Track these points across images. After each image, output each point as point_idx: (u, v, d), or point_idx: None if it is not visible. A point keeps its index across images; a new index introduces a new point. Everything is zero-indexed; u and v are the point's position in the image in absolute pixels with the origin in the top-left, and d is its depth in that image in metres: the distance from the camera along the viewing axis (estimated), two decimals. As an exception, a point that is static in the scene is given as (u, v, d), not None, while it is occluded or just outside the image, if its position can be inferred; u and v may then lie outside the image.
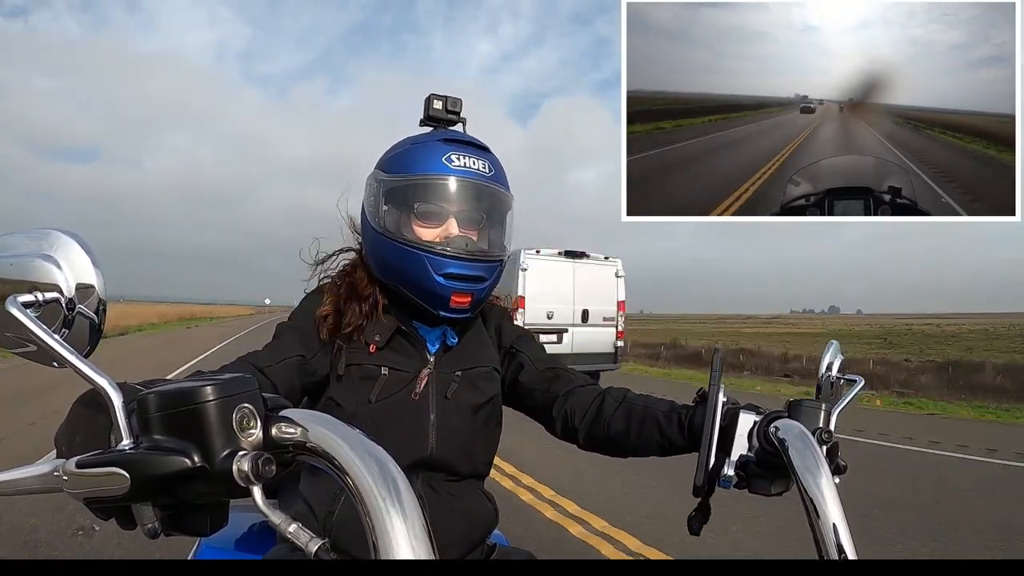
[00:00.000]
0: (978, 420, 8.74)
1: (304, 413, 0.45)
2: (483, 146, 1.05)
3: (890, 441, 6.68)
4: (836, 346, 0.98)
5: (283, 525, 0.42)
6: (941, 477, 5.15)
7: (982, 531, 3.74)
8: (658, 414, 0.97)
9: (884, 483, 4.76)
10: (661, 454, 0.98)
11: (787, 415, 0.79)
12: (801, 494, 0.61)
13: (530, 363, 1.14)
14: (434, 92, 1.10)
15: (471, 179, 1.00)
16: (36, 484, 0.44)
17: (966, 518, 3.99)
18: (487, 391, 1.07)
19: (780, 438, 0.69)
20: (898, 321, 70.76)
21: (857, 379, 0.95)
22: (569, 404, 1.08)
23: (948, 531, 3.74)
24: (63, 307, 0.53)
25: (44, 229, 0.56)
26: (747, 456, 0.80)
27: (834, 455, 0.78)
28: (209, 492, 0.42)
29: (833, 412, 0.81)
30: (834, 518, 0.57)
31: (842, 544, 0.56)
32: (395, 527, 0.39)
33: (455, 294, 0.98)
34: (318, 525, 0.95)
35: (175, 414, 0.42)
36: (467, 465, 1.04)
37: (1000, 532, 3.73)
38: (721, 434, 0.81)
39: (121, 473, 0.40)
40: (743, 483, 0.80)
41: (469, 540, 1.03)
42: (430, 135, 1.06)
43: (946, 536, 3.66)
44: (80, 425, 0.46)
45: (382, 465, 0.42)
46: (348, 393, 1.00)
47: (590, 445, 1.07)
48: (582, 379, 1.13)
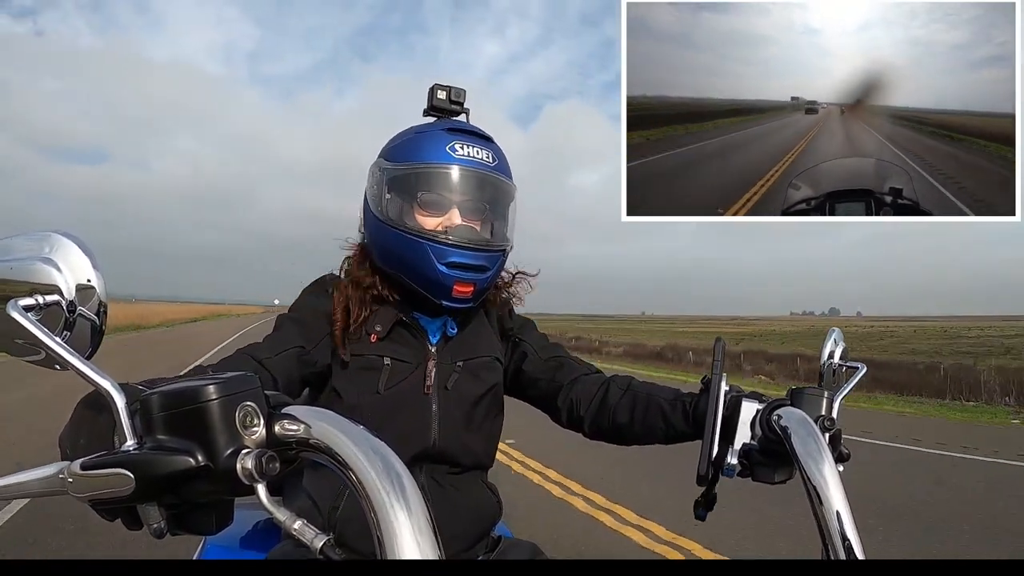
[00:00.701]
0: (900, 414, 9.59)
1: (307, 410, 0.45)
2: (487, 136, 1.04)
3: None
4: (838, 333, 0.98)
5: (288, 522, 0.42)
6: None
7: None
8: (662, 402, 0.97)
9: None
10: (665, 442, 0.99)
11: (789, 403, 0.79)
12: (804, 482, 0.61)
13: (533, 352, 1.14)
14: (438, 83, 1.09)
15: (474, 168, 0.99)
16: (41, 487, 0.44)
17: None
18: (488, 381, 1.07)
19: (783, 426, 0.69)
20: (888, 324, 71.06)
21: (859, 366, 0.94)
22: (574, 393, 1.08)
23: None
24: (64, 309, 0.53)
25: (43, 232, 0.55)
26: (750, 444, 0.81)
27: (837, 442, 0.78)
28: (214, 491, 0.42)
29: (835, 399, 0.81)
30: (837, 505, 0.58)
31: (845, 531, 0.56)
32: (400, 523, 0.39)
33: (457, 283, 0.97)
34: (323, 520, 0.96)
35: (178, 414, 0.42)
36: (470, 456, 1.04)
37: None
38: (724, 422, 0.82)
39: (126, 474, 0.40)
40: (746, 471, 0.81)
41: (474, 533, 1.03)
42: (434, 124, 1.05)
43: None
44: (83, 427, 0.46)
45: (386, 461, 0.42)
46: (350, 384, 1.00)
47: (595, 434, 1.07)
48: (586, 368, 1.13)
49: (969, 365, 15.04)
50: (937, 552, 3.36)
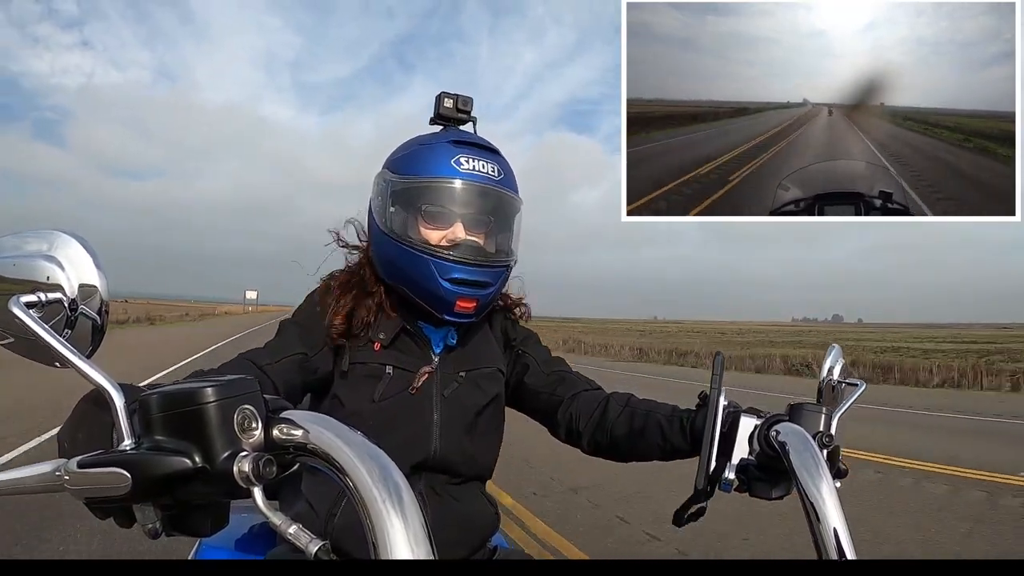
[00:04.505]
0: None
1: (305, 414, 0.45)
2: (492, 148, 1.03)
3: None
4: (838, 350, 0.98)
5: (283, 526, 0.42)
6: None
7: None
8: (660, 418, 0.97)
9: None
10: (663, 458, 0.98)
11: (788, 419, 0.79)
12: (801, 498, 0.60)
13: (536, 365, 1.13)
14: (444, 91, 1.08)
15: (479, 183, 0.98)
16: (38, 484, 0.44)
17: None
18: (490, 391, 1.07)
19: (781, 442, 0.69)
20: (879, 331, 71.23)
21: (858, 383, 0.94)
22: (574, 408, 1.07)
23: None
24: (65, 307, 0.53)
25: (47, 230, 0.56)
26: (748, 460, 0.80)
27: (835, 459, 0.77)
28: (210, 493, 0.42)
29: (834, 416, 0.81)
30: (834, 522, 0.57)
31: (843, 548, 0.56)
32: (395, 529, 0.39)
33: (460, 299, 0.97)
34: (320, 526, 0.95)
35: (176, 415, 0.42)
36: (470, 466, 1.04)
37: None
38: (722, 438, 0.81)
39: (122, 473, 0.40)
40: (744, 486, 0.80)
41: (470, 543, 1.02)
42: (439, 135, 1.04)
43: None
44: (82, 425, 0.46)
45: (383, 467, 0.42)
46: (352, 391, 0.99)
47: (594, 449, 1.07)
48: (587, 383, 1.12)
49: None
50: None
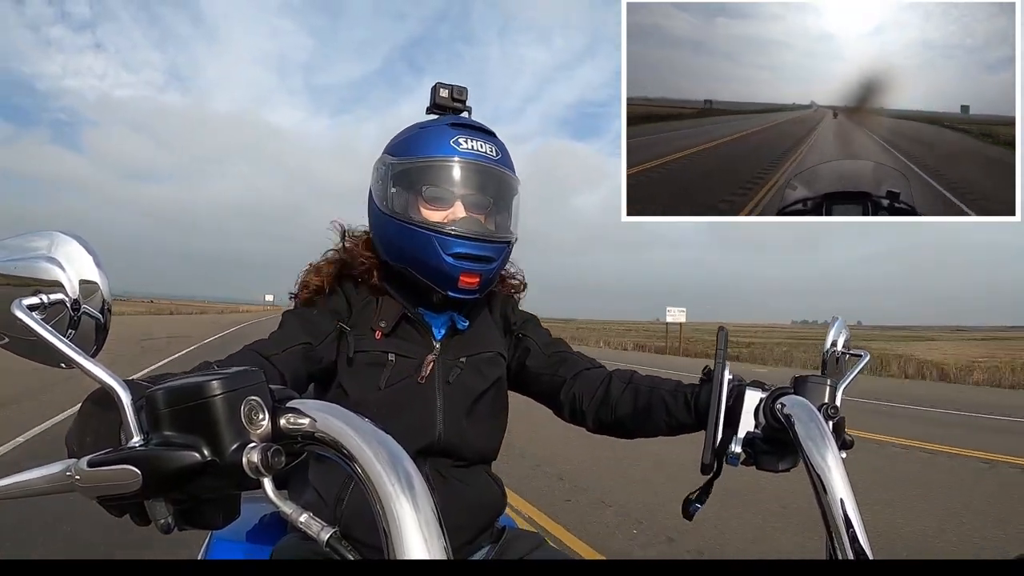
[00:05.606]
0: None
1: (312, 403, 0.45)
2: (490, 131, 1.05)
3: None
4: (841, 322, 0.98)
5: (294, 515, 0.43)
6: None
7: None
8: (664, 395, 0.97)
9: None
10: (669, 434, 0.99)
11: (793, 391, 0.79)
12: (808, 470, 0.61)
13: (537, 347, 1.14)
14: (440, 81, 1.11)
15: (478, 162, 1.00)
16: (48, 485, 0.45)
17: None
18: (491, 376, 1.08)
19: (786, 414, 0.69)
20: (879, 332, 70.97)
21: (862, 353, 0.94)
22: (576, 388, 1.08)
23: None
24: (68, 308, 0.53)
25: (46, 231, 0.56)
26: (754, 433, 0.81)
27: (840, 430, 0.78)
28: (220, 485, 0.43)
29: (839, 387, 0.81)
30: (841, 493, 0.58)
31: (850, 519, 0.56)
32: (406, 515, 0.39)
33: (464, 274, 0.98)
34: (329, 513, 0.96)
35: (183, 409, 0.42)
36: (474, 450, 1.05)
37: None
38: (727, 412, 0.82)
39: (132, 470, 0.41)
40: (750, 460, 0.81)
41: (477, 525, 1.04)
42: (438, 120, 1.06)
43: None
44: (90, 424, 0.46)
45: (391, 452, 0.42)
46: (356, 380, 1.00)
47: (598, 428, 1.07)
48: (588, 362, 1.13)
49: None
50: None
